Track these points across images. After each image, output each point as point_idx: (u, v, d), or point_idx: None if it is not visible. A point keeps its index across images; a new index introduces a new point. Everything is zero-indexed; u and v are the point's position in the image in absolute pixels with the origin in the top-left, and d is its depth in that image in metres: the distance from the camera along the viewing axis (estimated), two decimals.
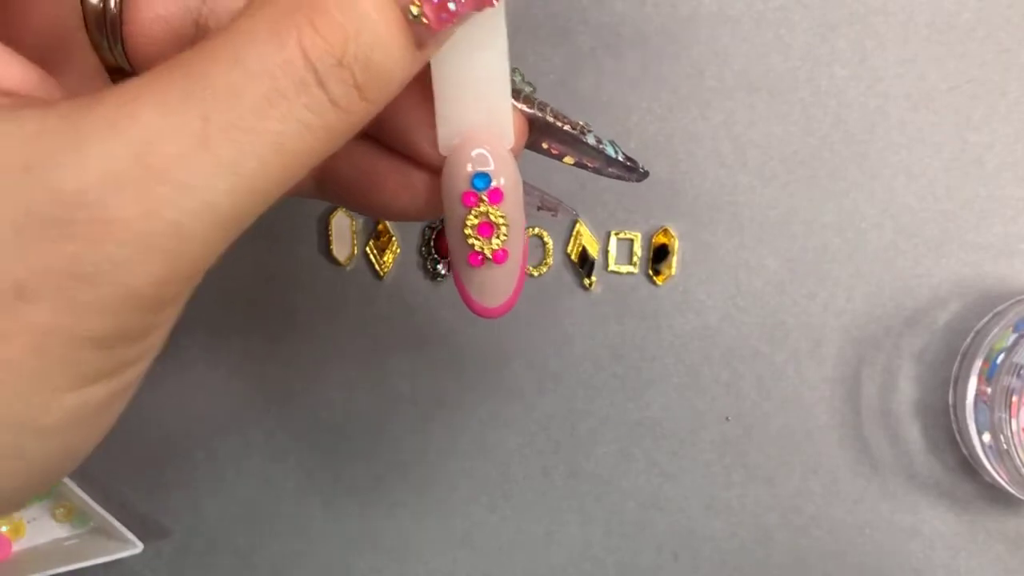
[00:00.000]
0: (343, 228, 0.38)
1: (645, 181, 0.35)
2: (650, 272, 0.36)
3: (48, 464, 0.18)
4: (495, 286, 0.23)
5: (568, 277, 0.37)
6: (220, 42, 0.17)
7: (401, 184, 0.23)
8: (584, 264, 0.36)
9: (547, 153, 0.24)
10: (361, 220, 0.38)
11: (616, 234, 0.36)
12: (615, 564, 0.38)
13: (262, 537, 0.40)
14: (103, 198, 0.16)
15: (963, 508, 0.36)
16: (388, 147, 0.23)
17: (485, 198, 0.22)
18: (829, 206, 0.35)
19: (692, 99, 0.35)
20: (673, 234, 0.36)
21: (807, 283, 0.36)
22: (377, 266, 0.38)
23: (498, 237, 0.22)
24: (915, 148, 0.35)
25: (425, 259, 0.37)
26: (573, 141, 0.24)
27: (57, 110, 0.16)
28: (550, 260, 0.37)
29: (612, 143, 0.25)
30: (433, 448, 0.38)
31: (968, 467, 0.36)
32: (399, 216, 0.24)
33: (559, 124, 0.24)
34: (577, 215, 0.35)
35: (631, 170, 0.25)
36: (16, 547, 0.39)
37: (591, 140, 0.24)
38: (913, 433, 0.36)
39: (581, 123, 0.24)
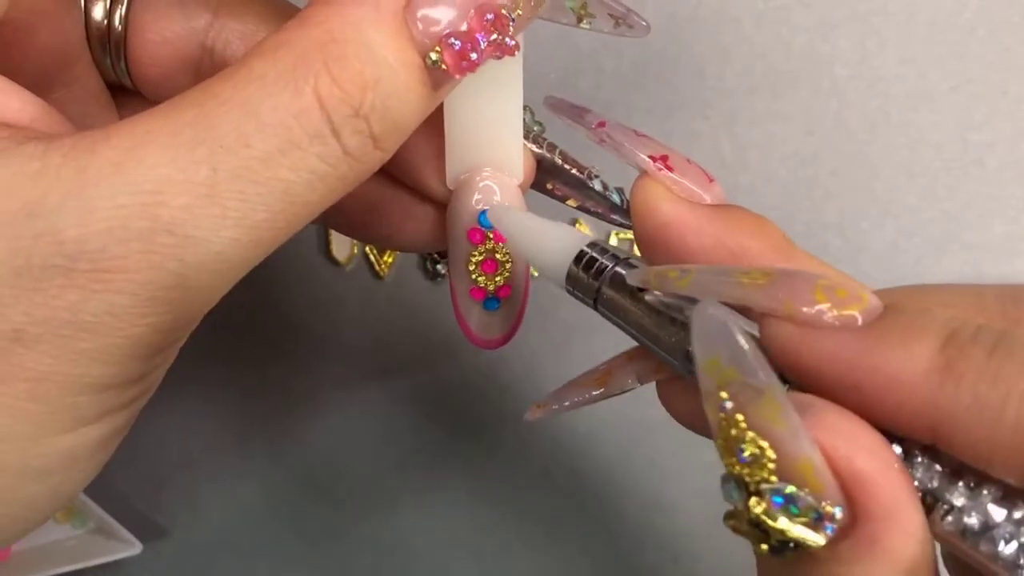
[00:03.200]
0: None
1: None
2: None
3: (40, 505, 0.18)
4: (495, 320, 0.23)
5: None
6: (231, 85, 0.16)
7: (405, 217, 0.23)
8: None
9: (551, 194, 0.24)
10: None
11: (616, 234, 0.36)
12: (615, 564, 0.38)
13: (262, 537, 0.40)
14: (107, 247, 0.15)
15: None
16: (393, 179, 0.22)
17: (491, 235, 0.21)
18: (830, 206, 0.35)
19: (692, 99, 0.35)
20: None
21: None
22: (377, 266, 0.38)
23: (501, 274, 0.22)
24: (915, 148, 0.35)
25: (425, 259, 0.37)
26: (579, 184, 0.24)
27: (60, 147, 0.16)
28: None
29: (619, 190, 0.24)
30: (433, 448, 0.38)
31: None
32: (402, 247, 0.24)
33: (566, 166, 0.23)
34: None
35: None
36: (16, 547, 0.39)
37: (597, 185, 0.24)
38: None
39: (588, 167, 0.24)
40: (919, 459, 0.15)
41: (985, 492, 0.14)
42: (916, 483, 0.15)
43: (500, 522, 0.38)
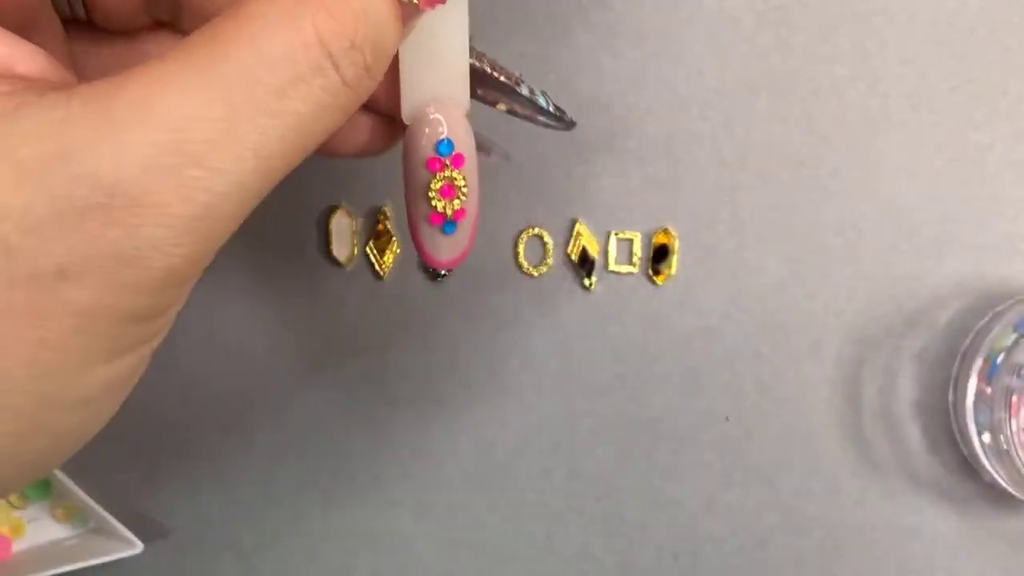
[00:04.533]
0: (343, 228, 0.38)
1: (645, 181, 0.36)
2: (650, 272, 0.36)
3: (78, 433, 0.19)
4: (453, 242, 0.25)
5: (568, 277, 0.37)
6: (234, 25, 0.17)
7: (349, 126, 0.24)
8: (584, 264, 0.36)
9: (482, 100, 0.26)
10: (361, 220, 0.38)
11: (616, 234, 0.36)
12: (615, 564, 0.38)
13: (262, 537, 0.40)
14: (144, 185, 0.16)
15: (963, 508, 0.36)
16: None
17: (449, 163, 0.23)
18: (829, 206, 0.35)
19: (692, 99, 0.35)
20: (673, 234, 0.36)
21: (807, 283, 0.36)
22: (377, 266, 0.38)
23: (459, 198, 0.24)
24: (916, 148, 0.35)
25: None
26: (507, 90, 0.26)
27: (79, 96, 0.17)
28: (550, 260, 0.37)
29: (544, 93, 0.27)
30: (433, 448, 0.38)
31: (968, 467, 0.36)
32: (345, 154, 0.25)
33: (494, 74, 0.25)
34: (509, 157, 0.35)
35: (559, 119, 0.27)
36: (16, 547, 0.39)
37: (524, 90, 0.26)
38: (913, 433, 0.36)
39: (516, 74, 0.26)
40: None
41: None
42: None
43: (500, 522, 0.38)
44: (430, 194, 0.24)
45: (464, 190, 0.24)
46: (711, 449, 0.37)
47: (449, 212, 0.24)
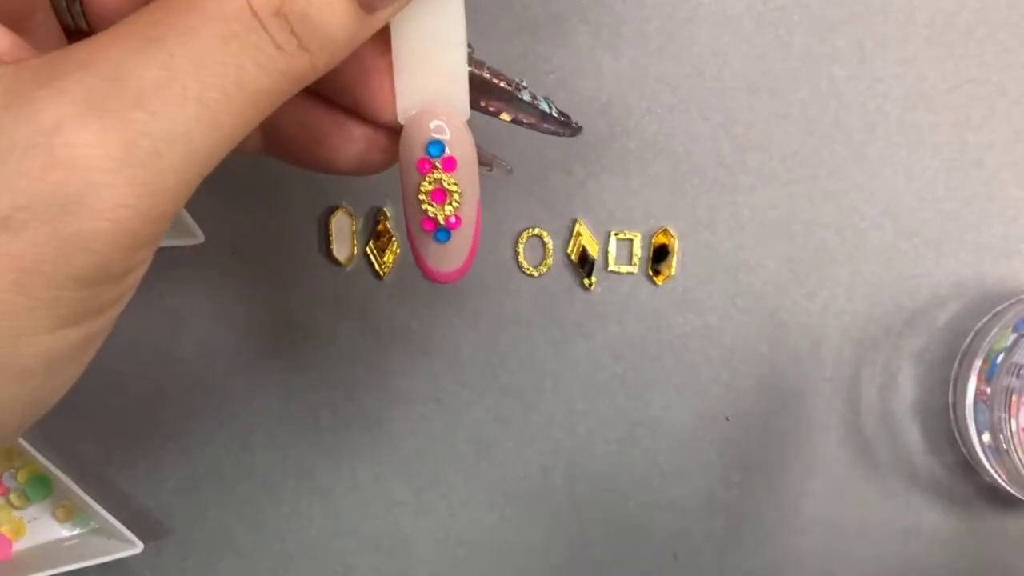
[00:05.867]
0: (343, 228, 0.38)
1: (645, 181, 0.36)
2: (650, 272, 0.36)
3: (18, 408, 0.19)
4: (448, 252, 0.24)
5: (568, 277, 0.37)
6: None
7: (343, 138, 0.24)
8: (584, 264, 0.36)
9: (484, 111, 0.25)
10: (361, 220, 0.38)
11: (616, 234, 0.36)
12: (615, 564, 0.38)
13: (262, 537, 0.40)
14: (83, 123, 0.16)
15: (963, 508, 0.36)
16: (333, 103, 0.24)
17: (439, 165, 0.23)
18: (829, 206, 0.35)
19: (692, 99, 0.35)
20: (673, 234, 0.36)
21: (807, 283, 0.36)
22: (377, 266, 0.38)
23: (451, 204, 0.23)
24: (915, 148, 0.35)
25: None
26: (509, 98, 0.25)
27: (29, 66, 0.17)
28: (550, 260, 0.37)
29: (547, 99, 0.26)
30: (432, 448, 0.38)
31: (968, 467, 0.36)
32: (341, 169, 0.25)
33: (496, 81, 0.25)
34: (511, 170, 0.35)
35: (565, 125, 0.27)
36: (16, 547, 0.39)
37: (526, 96, 0.25)
38: (913, 433, 0.36)
39: (516, 80, 0.25)
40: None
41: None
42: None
43: (500, 522, 0.38)
44: (420, 197, 0.23)
45: (457, 196, 0.23)
46: (711, 449, 0.37)
47: (440, 218, 0.23)
